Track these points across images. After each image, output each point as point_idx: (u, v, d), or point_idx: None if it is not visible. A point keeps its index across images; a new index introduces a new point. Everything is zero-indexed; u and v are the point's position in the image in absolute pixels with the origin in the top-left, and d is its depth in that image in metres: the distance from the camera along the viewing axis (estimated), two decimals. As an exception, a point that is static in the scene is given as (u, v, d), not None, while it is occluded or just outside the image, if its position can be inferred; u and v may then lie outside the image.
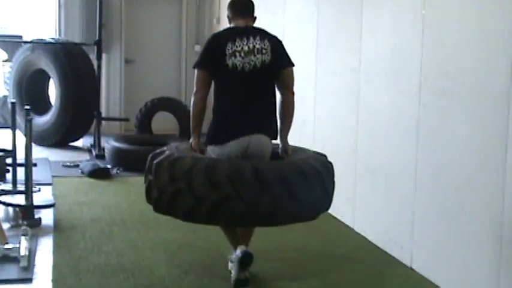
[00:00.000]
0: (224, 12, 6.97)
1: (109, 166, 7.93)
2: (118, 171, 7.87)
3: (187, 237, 5.47)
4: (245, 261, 4.31)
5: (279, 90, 4.50)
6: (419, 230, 4.74)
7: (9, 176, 6.77)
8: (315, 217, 4.32)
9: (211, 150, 4.36)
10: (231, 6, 4.71)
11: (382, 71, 5.34)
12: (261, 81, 4.37)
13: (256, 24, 4.54)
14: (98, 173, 7.65)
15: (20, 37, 12.40)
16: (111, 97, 11.06)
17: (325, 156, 4.56)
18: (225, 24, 10.05)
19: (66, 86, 9.52)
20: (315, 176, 4.14)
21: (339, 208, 6.09)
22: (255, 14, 4.60)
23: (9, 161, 6.89)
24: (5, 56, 12.45)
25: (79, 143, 9.96)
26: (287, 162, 4.29)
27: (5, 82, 11.66)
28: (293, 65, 4.51)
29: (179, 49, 11.36)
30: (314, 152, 4.62)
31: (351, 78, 5.88)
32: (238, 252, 4.34)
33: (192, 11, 11.26)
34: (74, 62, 9.61)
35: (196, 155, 4.27)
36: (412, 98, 4.79)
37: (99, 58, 9.42)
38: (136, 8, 11.21)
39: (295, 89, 4.54)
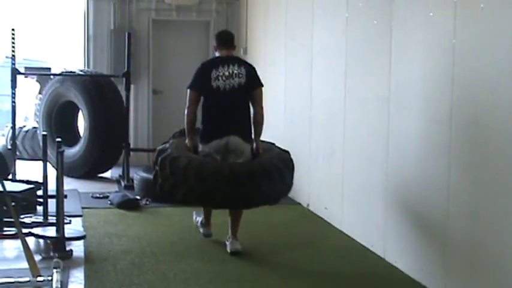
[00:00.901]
0: (252, 43, 7.15)
1: (138, 197, 7.95)
2: (147, 202, 7.89)
3: (218, 269, 5.47)
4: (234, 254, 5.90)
5: (252, 105, 6.10)
6: (451, 260, 4.69)
7: (40, 207, 6.79)
8: (277, 203, 6.09)
9: (202, 147, 5.98)
10: (217, 38, 6.26)
11: (412, 100, 5.32)
12: (237, 98, 5.99)
13: (286, 53, 4.92)
14: (127, 204, 7.67)
15: (49, 69, 12.56)
16: (139, 128, 11.12)
17: (288, 153, 6.17)
18: (252, 54, 10.16)
19: (95, 118, 9.60)
20: (276, 173, 5.77)
21: (370, 238, 6.05)
22: (235, 43, 6.30)
23: (40, 192, 6.95)
24: (38, 87, 12.63)
25: (108, 174, 10.00)
26: (256, 163, 5.88)
27: (35, 114, 11.77)
28: (262, 86, 6.13)
29: (206, 79, 11.38)
30: (280, 150, 6.24)
31: (380, 107, 5.87)
32: (229, 244, 5.96)
33: (219, 42, 11.30)
34: (103, 94, 9.69)
35: (190, 156, 5.86)
36: (444, 128, 4.77)
37: (127, 89, 9.49)
38: (164, 39, 11.30)
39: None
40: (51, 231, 5.77)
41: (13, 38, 9.13)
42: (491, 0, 4.26)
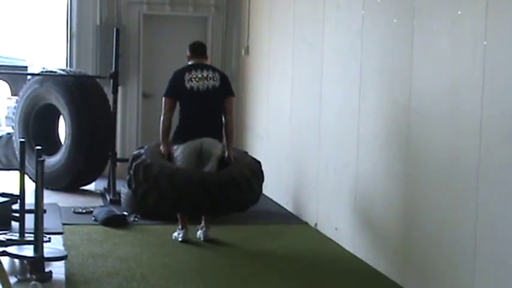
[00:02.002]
0: (254, 42, 7.29)
1: (125, 213, 7.92)
2: (135, 219, 7.87)
3: (215, 295, 5.44)
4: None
5: (224, 114, 7.04)
6: (479, 285, 4.67)
7: (16, 223, 6.76)
8: (244, 210, 7.03)
9: (176, 148, 6.93)
10: (190, 49, 7.22)
11: (436, 109, 5.30)
12: (211, 100, 6.95)
13: (294, 54, 6.23)
14: (113, 221, 7.64)
15: (25, 68, 12.55)
16: (127, 135, 11.08)
17: (259, 163, 7.20)
18: (255, 54, 10.14)
19: (78, 123, 9.56)
20: (244, 183, 6.71)
21: (386, 264, 6.02)
22: (207, 54, 7.37)
23: (16, 207, 6.92)
24: (7, 88, 12.57)
25: (92, 186, 9.98)
26: (225, 172, 6.82)
27: (10, 118, 11.75)
28: (234, 95, 7.25)
29: (203, 82, 11.37)
30: (252, 159, 7.30)
31: (399, 116, 5.85)
32: (200, 232, 7.08)
33: (218, 41, 11.28)
34: (87, 97, 9.66)
35: (163, 163, 6.76)
36: (472, 140, 4.74)
37: (115, 92, 9.48)
38: (156, 36, 11.28)
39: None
40: (28, 251, 5.72)
41: (-12, 33, 9.12)
42: (528, -2, 4.25)
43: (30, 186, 7.27)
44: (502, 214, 4.44)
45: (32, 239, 5.77)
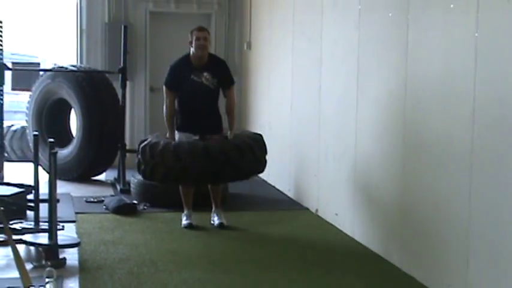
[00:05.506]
0: (256, 37, 7.28)
1: (135, 202, 7.93)
2: (145, 207, 7.87)
3: (221, 278, 5.43)
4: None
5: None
6: (473, 270, 4.66)
7: (30, 213, 6.77)
8: (250, 177, 7.17)
9: (178, 134, 7.02)
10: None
11: (431, 99, 5.29)
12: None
13: (294, 48, 5.57)
14: (123, 209, 7.64)
15: (38, 64, 12.55)
16: (135, 128, 11.10)
17: (260, 135, 7.32)
18: (257, 49, 10.12)
19: (89, 117, 9.57)
20: (246, 148, 6.80)
21: (384, 246, 6.02)
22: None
23: (30, 197, 6.92)
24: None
25: (102, 176, 9.98)
26: (227, 141, 6.88)
27: (24, 112, 11.76)
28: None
29: (207, 76, 11.36)
30: (252, 132, 7.55)
31: (395, 106, 5.84)
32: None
33: (221, 36, 11.28)
34: (97, 91, 9.67)
35: (168, 141, 6.87)
36: (465, 128, 4.73)
37: (123, 87, 9.47)
38: (162, 33, 11.28)
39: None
40: (43, 238, 5.73)
41: (0, 32, 9.11)
42: (518, -9, 4.23)
43: (43, 177, 7.30)
44: (494, 196, 4.43)
45: (47, 227, 5.77)
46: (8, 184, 7.57)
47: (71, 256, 5.77)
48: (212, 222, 7.05)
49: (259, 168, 7.13)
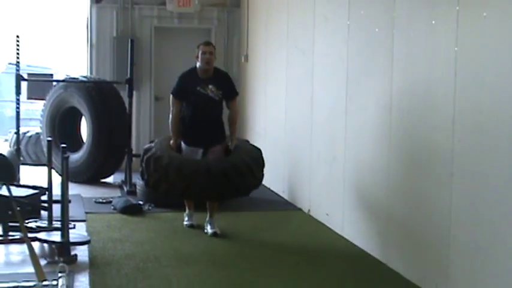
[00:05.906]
0: (253, 50, 7.21)
1: (141, 202, 7.93)
2: (150, 208, 7.87)
3: (221, 274, 5.43)
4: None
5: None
6: (454, 272, 4.66)
7: (44, 212, 6.76)
8: (247, 194, 6.91)
9: (184, 147, 6.81)
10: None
11: (414, 108, 5.30)
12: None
13: (288, 61, 5.33)
14: (130, 209, 7.64)
15: (51, 75, 12.54)
16: (141, 134, 11.11)
17: (260, 151, 7.01)
18: (253, 61, 10.12)
19: (98, 124, 9.58)
20: (246, 169, 6.59)
21: (371, 244, 6.03)
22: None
23: (44, 198, 6.92)
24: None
25: (110, 179, 9.98)
26: (228, 161, 6.60)
27: (39, 120, 11.76)
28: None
29: (207, 86, 11.36)
30: (252, 147, 7.08)
31: (382, 114, 5.85)
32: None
33: (220, 49, 11.24)
34: (106, 100, 9.68)
35: (172, 155, 6.62)
36: (446, 135, 4.74)
37: (130, 96, 9.47)
38: (166, 46, 11.29)
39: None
40: (56, 236, 5.73)
41: (17, 45, 9.11)
42: (494, 9, 4.24)
43: (56, 179, 7.29)
44: (473, 198, 4.44)
45: (59, 226, 5.78)
46: (23, 186, 7.57)
47: (82, 253, 5.77)
48: (206, 231, 6.75)
49: (257, 185, 6.92)
